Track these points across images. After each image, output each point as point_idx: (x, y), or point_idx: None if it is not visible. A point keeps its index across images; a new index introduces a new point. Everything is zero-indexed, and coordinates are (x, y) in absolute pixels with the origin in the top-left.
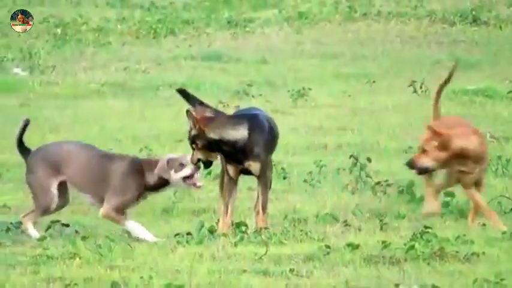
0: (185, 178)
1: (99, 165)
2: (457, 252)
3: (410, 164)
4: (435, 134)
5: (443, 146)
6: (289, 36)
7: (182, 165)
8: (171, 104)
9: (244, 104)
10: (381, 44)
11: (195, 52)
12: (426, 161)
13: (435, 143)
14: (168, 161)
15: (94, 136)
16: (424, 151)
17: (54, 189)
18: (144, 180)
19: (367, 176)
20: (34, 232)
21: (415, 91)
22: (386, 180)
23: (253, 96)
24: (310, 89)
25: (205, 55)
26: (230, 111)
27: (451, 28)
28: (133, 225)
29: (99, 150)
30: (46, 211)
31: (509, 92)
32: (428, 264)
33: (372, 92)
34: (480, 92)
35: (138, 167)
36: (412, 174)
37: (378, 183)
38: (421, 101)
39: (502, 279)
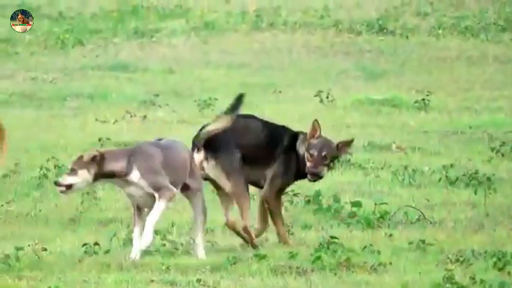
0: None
1: None
2: (364, 262)
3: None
4: None
5: None
6: (195, 46)
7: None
8: (78, 114)
9: (151, 114)
10: (288, 54)
11: (102, 62)
12: None
13: None
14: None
15: None
16: None
17: None
18: None
19: None
20: None
21: (321, 101)
22: (293, 190)
23: (160, 106)
24: (216, 99)
25: (112, 65)
26: (137, 120)
27: (358, 38)
28: None
29: None
30: None
31: (416, 102)
32: (335, 274)
33: (278, 102)
34: (387, 101)
35: None
36: (318, 184)
37: (285, 193)
38: (327, 110)
39: None
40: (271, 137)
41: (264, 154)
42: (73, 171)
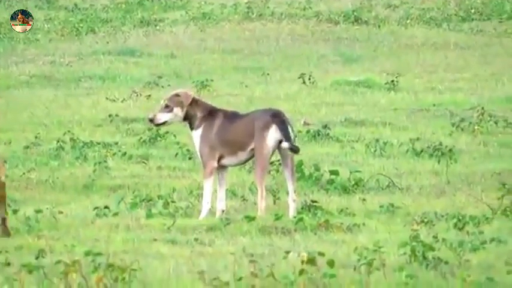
0: None
1: None
2: (340, 223)
3: None
4: None
5: None
6: (194, 34)
7: None
8: (91, 93)
9: (155, 94)
10: (274, 41)
11: (112, 48)
12: None
13: None
14: None
15: (24, 121)
16: None
17: None
18: None
19: None
20: None
21: (303, 82)
22: (278, 160)
23: (162, 87)
24: (212, 80)
25: (121, 50)
26: (142, 99)
27: (336, 27)
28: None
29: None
30: None
31: (386, 83)
32: (315, 234)
33: (266, 83)
34: (361, 83)
35: None
36: (301, 155)
37: (272, 163)
38: (309, 90)
39: (379, 247)
40: None
41: None
42: None
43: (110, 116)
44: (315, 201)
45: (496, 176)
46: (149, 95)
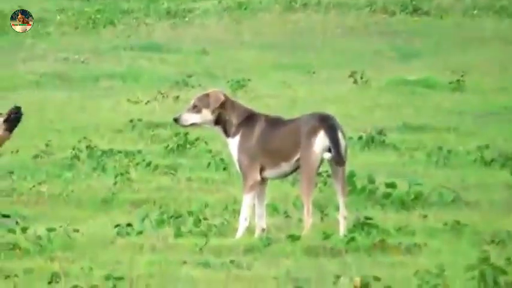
0: None
1: None
2: (398, 243)
3: None
4: None
5: None
6: (228, 27)
7: None
8: (111, 94)
9: (183, 95)
10: (321, 34)
11: (134, 43)
12: None
13: None
14: None
15: (33, 127)
16: None
17: None
18: None
19: None
20: None
21: (355, 81)
22: (326, 171)
23: (193, 87)
24: (249, 79)
25: (144, 46)
26: (169, 101)
27: (392, 18)
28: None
29: None
30: None
31: (451, 83)
32: (370, 255)
33: (311, 82)
34: (421, 82)
35: None
36: (353, 165)
37: (319, 174)
38: (360, 91)
39: (443, 271)
40: None
41: None
42: None
43: (131, 120)
44: (369, 218)
45: None
46: (177, 97)
